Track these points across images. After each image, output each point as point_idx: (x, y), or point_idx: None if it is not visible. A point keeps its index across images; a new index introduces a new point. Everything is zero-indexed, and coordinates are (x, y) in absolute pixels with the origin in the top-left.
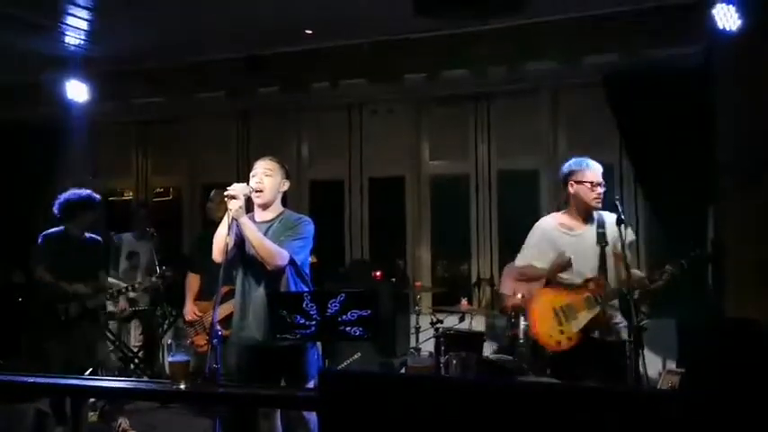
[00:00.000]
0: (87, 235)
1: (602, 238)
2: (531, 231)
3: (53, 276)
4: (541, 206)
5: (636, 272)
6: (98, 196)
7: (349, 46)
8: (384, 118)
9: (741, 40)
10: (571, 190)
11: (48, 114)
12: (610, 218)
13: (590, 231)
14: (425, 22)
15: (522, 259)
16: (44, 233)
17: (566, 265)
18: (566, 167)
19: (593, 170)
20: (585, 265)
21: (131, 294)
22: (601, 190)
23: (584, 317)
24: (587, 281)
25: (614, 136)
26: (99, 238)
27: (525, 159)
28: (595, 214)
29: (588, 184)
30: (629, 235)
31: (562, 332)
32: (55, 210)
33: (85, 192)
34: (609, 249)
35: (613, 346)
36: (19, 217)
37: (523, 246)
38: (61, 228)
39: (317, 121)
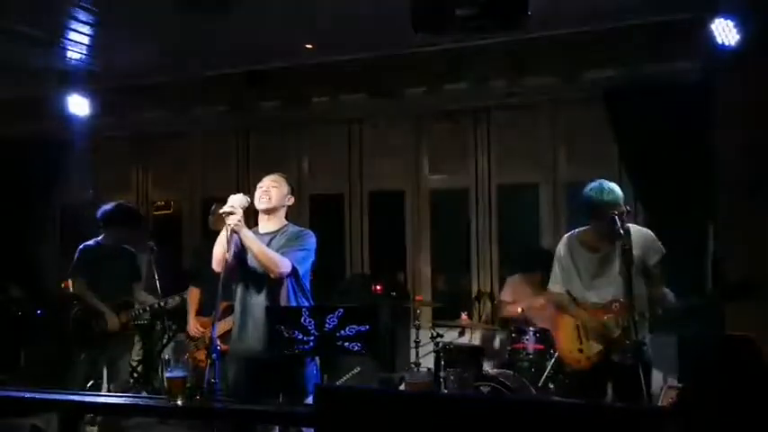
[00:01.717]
0: (124, 247)
1: (627, 255)
2: (557, 250)
3: (89, 288)
4: (541, 220)
5: (666, 290)
6: (138, 211)
7: (349, 61)
8: (384, 132)
9: (740, 54)
10: (591, 215)
11: (48, 129)
12: (638, 233)
13: (615, 249)
14: (425, 36)
15: (553, 282)
16: (82, 244)
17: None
18: (585, 194)
19: (608, 200)
20: (609, 285)
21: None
22: (618, 220)
23: (604, 338)
24: (611, 302)
25: (613, 151)
26: (134, 250)
27: (525, 173)
28: (621, 228)
29: (605, 215)
30: (658, 250)
31: (581, 350)
32: (97, 218)
33: (127, 205)
34: (635, 268)
35: (629, 371)
36: (17, 232)
37: (552, 265)
38: (99, 239)
39: (318, 136)
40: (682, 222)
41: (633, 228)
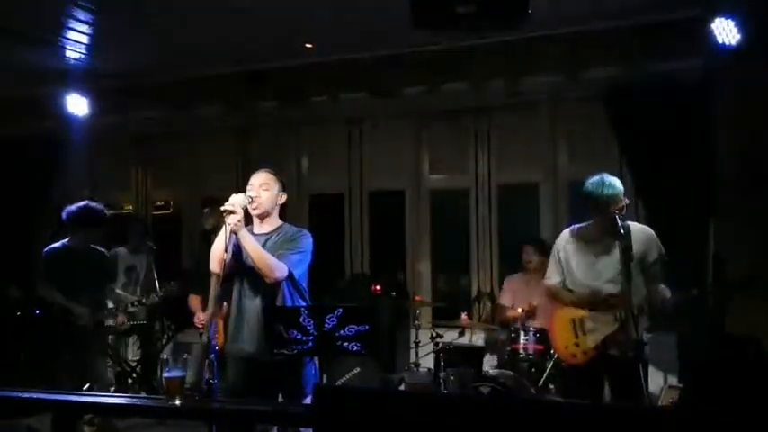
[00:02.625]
0: (92, 247)
1: (627, 252)
2: (555, 244)
3: (58, 291)
4: (542, 220)
5: (663, 288)
6: (106, 211)
7: (349, 60)
8: (384, 132)
9: (740, 54)
10: (590, 208)
11: (47, 128)
12: (639, 231)
13: (615, 245)
14: (425, 35)
15: (550, 276)
16: (48, 248)
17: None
18: (585, 188)
19: (609, 194)
20: (607, 280)
21: (130, 308)
22: (617, 212)
23: (601, 332)
24: (609, 296)
25: (614, 149)
26: (104, 250)
27: (525, 173)
28: (621, 227)
29: (606, 210)
30: (658, 249)
31: (578, 345)
32: (63, 220)
33: (94, 205)
34: (635, 265)
35: (626, 367)
36: (16, 232)
37: (549, 259)
38: (65, 241)
39: (317, 136)
40: (682, 220)
41: (634, 225)
